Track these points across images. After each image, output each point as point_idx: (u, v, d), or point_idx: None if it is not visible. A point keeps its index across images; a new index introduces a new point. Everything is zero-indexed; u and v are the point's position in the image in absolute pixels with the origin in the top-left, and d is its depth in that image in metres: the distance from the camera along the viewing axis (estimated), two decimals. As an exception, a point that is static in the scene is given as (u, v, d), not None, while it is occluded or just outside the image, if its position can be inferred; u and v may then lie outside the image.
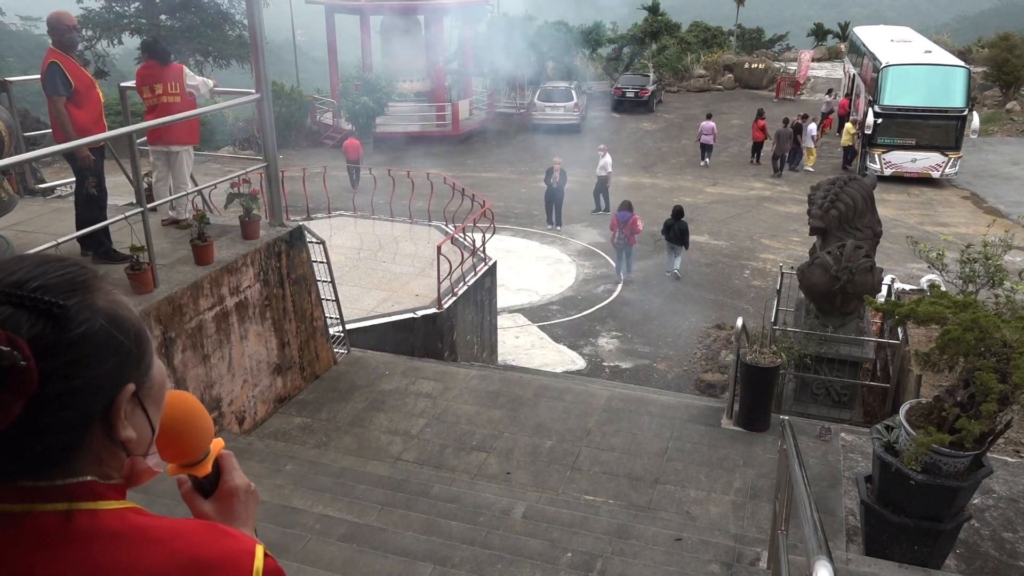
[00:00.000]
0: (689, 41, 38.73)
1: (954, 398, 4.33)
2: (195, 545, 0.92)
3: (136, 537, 0.90)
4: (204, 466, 1.12)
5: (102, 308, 0.90)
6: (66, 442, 0.89)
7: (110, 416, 0.91)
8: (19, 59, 42.97)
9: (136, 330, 0.94)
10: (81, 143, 5.05)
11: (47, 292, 0.87)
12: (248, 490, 1.15)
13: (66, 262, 0.93)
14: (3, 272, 0.88)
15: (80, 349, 0.87)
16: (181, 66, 6.61)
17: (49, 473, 0.89)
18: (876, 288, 7.90)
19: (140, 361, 0.94)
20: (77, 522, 0.88)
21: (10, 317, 0.84)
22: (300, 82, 29.64)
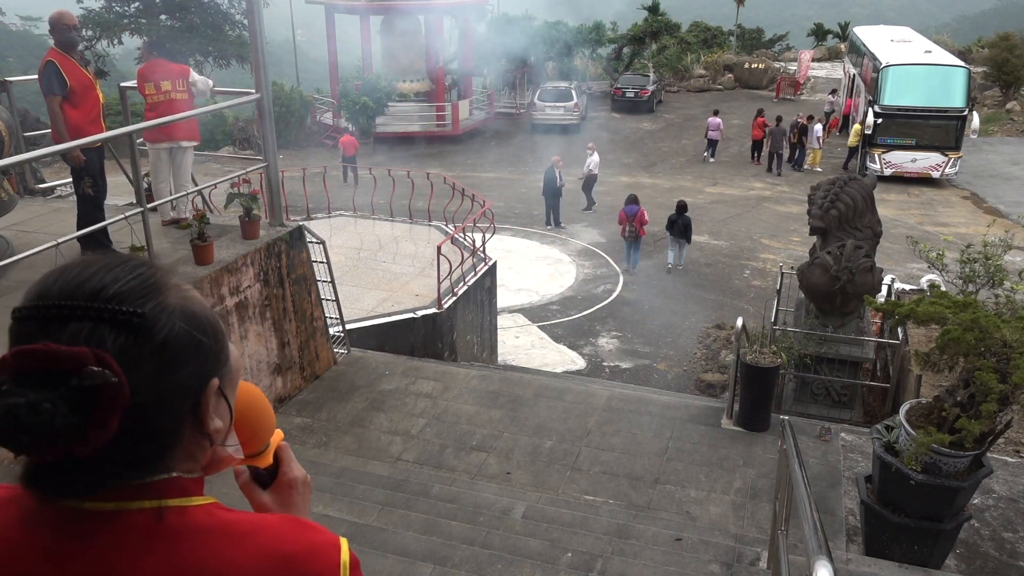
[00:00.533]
0: (689, 41, 38.74)
1: (954, 398, 4.33)
2: (282, 540, 0.92)
3: (225, 533, 0.90)
4: (266, 457, 1.13)
5: (177, 307, 0.89)
6: (162, 444, 0.90)
7: (199, 412, 0.92)
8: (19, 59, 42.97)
9: (211, 324, 0.94)
10: (79, 143, 5.05)
11: (122, 300, 0.85)
12: (305, 482, 1.16)
13: (133, 263, 0.91)
14: (75, 280, 0.86)
15: (164, 355, 0.87)
16: (188, 67, 6.70)
17: (142, 476, 0.89)
18: (876, 288, 7.90)
19: (220, 354, 0.95)
20: (168, 519, 0.89)
21: (93, 332, 0.83)
22: (300, 82, 29.65)
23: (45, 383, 0.79)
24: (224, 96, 7.69)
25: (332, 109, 26.56)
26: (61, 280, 0.87)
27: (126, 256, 0.93)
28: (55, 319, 0.84)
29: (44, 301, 0.85)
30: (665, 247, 15.93)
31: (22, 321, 0.86)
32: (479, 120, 28.21)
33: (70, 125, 5.43)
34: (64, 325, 0.83)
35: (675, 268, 14.59)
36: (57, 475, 0.84)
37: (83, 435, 0.80)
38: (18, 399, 0.78)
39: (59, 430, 0.78)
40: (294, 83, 28.49)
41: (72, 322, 0.83)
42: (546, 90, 27.87)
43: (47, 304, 0.85)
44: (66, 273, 0.88)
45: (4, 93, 6.75)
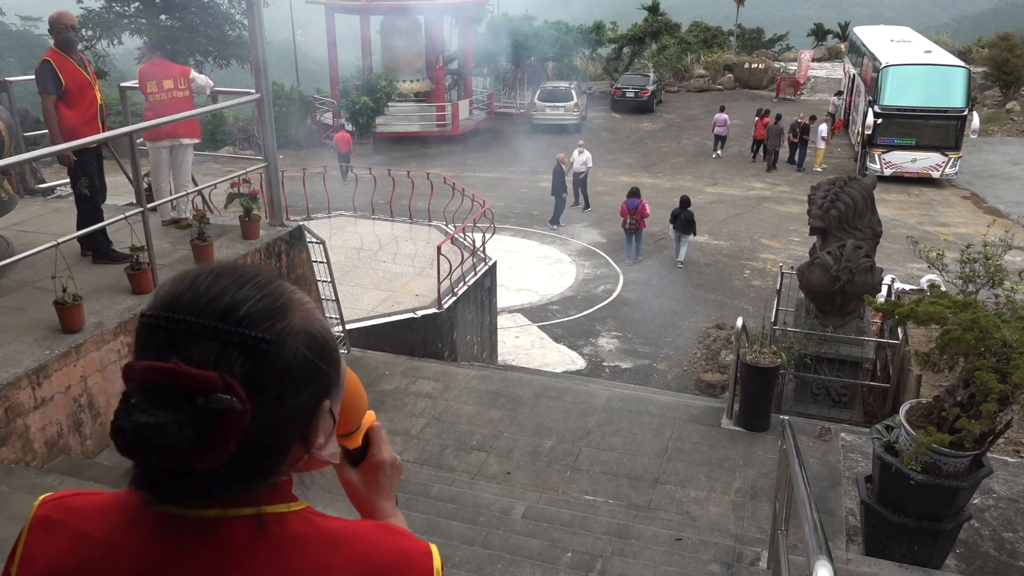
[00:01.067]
0: (689, 41, 38.74)
1: (954, 398, 4.33)
2: (376, 548, 0.94)
3: (322, 540, 0.92)
4: (356, 438, 1.16)
5: (301, 331, 0.90)
6: (272, 462, 0.91)
7: (308, 432, 0.94)
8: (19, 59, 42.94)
9: (330, 349, 0.94)
10: (77, 144, 5.05)
11: (251, 323, 0.85)
12: (393, 464, 1.17)
13: (262, 279, 0.91)
14: (205, 295, 0.86)
15: (286, 383, 0.87)
16: (188, 68, 6.74)
17: (248, 489, 0.91)
18: (876, 288, 7.90)
19: (335, 379, 0.96)
20: (269, 526, 0.91)
21: (221, 356, 0.83)
22: (300, 82, 29.64)
23: (172, 403, 0.80)
24: (224, 96, 7.70)
25: (332, 109, 26.55)
26: (191, 291, 0.87)
27: (255, 270, 0.93)
28: (184, 334, 0.84)
29: (174, 313, 0.85)
30: (666, 245, 15.94)
31: (150, 329, 0.86)
32: (479, 120, 28.21)
33: (64, 125, 5.43)
34: (193, 342, 0.83)
35: (681, 263, 14.83)
36: (169, 482, 0.85)
37: (203, 455, 0.82)
38: (147, 418, 0.79)
39: (182, 450, 0.80)
40: (294, 83, 28.48)
41: (201, 341, 0.83)
42: (546, 90, 27.87)
43: (177, 318, 0.85)
44: (197, 284, 0.88)
45: (4, 93, 6.75)
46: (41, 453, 4.34)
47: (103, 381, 4.71)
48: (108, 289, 5.24)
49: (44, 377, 4.32)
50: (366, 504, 1.17)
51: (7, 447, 4.14)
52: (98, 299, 5.05)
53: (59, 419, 4.44)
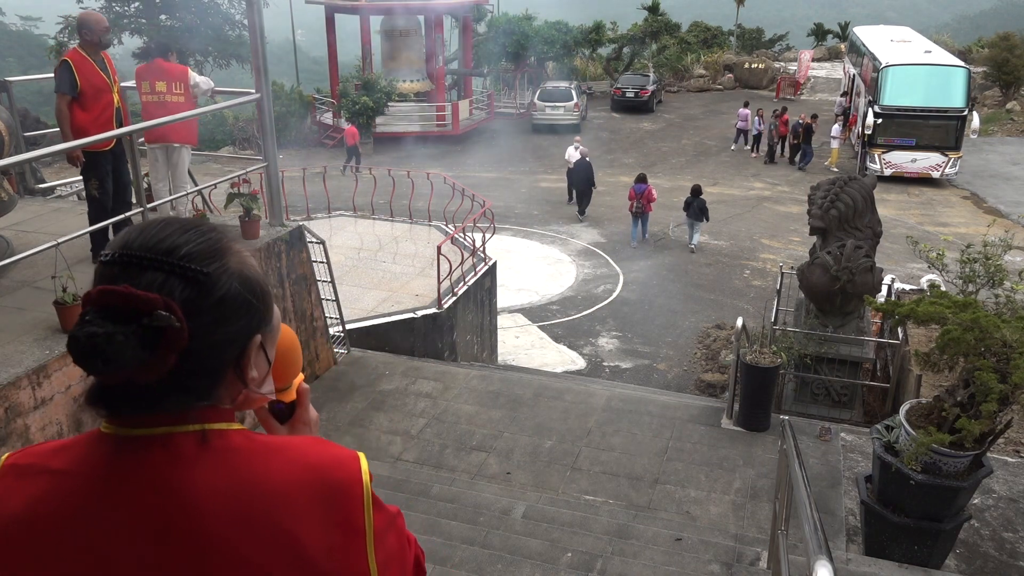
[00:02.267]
0: (689, 41, 38.74)
1: (954, 398, 4.33)
2: (309, 453, 1.05)
3: (260, 449, 1.04)
4: (290, 393, 1.29)
5: (235, 271, 1.04)
6: (207, 382, 1.03)
7: (241, 361, 1.06)
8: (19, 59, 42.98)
9: (262, 288, 1.09)
10: (77, 143, 5.05)
11: (192, 259, 1.00)
12: (316, 422, 1.32)
13: (204, 228, 1.05)
14: (153, 238, 1.00)
15: (220, 310, 1.01)
16: (187, 68, 6.65)
17: (187, 405, 1.03)
18: (876, 288, 7.90)
19: (266, 315, 1.10)
20: (211, 441, 1.02)
21: (164, 283, 0.97)
22: (300, 82, 29.64)
23: (120, 319, 0.94)
24: (224, 96, 7.69)
25: (332, 109, 26.54)
26: (143, 236, 1.01)
27: (199, 221, 1.07)
28: (135, 267, 0.98)
29: (127, 251, 0.99)
30: (667, 245, 15.94)
31: (106, 265, 1.00)
32: (479, 120, 28.20)
33: (75, 126, 5.42)
34: (142, 273, 0.98)
35: (694, 248, 15.61)
36: (118, 396, 0.99)
37: (146, 366, 0.95)
38: (97, 329, 0.93)
39: (127, 359, 0.93)
40: (294, 83, 28.48)
41: (149, 271, 0.98)
42: (546, 90, 27.87)
43: (129, 253, 0.99)
44: (147, 230, 1.02)
45: (4, 93, 6.75)
46: (41, 453, 4.33)
47: (103, 381, 4.71)
48: (108, 289, 5.24)
49: (44, 377, 4.32)
50: None
51: (7, 447, 4.14)
52: (98, 299, 5.04)
53: (59, 419, 4.44)
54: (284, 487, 1.00)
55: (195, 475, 0.99)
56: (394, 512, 1.11)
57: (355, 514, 1.03)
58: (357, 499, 1.04)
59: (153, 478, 0.99)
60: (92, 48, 5.53)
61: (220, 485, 0.99)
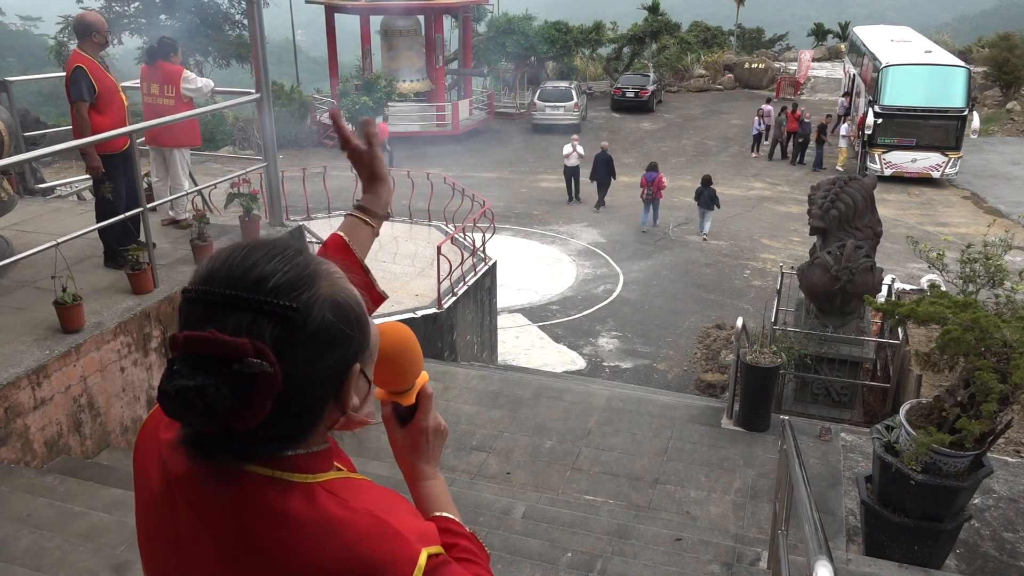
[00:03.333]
0: (689, 41, 38.70)
1: (954, 398, 4.33)
2: (364, 542, 0.98)
3: (319, 521, 0.98)
4: (408, 397, 1.23)
5: (328, 299, 0.97)
6: (307, 423, 1.00)
7: (341, 394, 1.01)
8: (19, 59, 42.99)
9: (357, 315, 1.02)
10: (79, 143, 5.04)
11: (280, 293, 0.94)
12: (437, 430, 1.26)
13: (290, 253, 0.99)
14: (239, 268, 0.95)
15: (315, 346, 0.95)
16: (181, 69, 6.55)
17: (288, 449, 1.00)
18: (876, 288, 7.90)
19: (364, 343, 1.03)
20: (274, 492, 0.98)
21: (253, 324, 0.92)
22: (300, 82, 29.62)
23: (210, 368, 0.89)
24: (224, 96, 7.68)
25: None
26: (226, 266, 0.96)
27: (285, 244, 1.01)
28: (220, 306, 0.93)
29: (211, 287, 0.94)
30: (667, 245, 15.94)
31: (190, 303, 0.96)
32: (479, 120, 28.20)
33: (96, 132, 5.35)
34: (228, 313, 0.92)
35: (706, 236, 16.24)
36: (215, 443, 0.94)
37: (240, 415, 0.90)
38: (188, 382, 0.88)
39: (220, 410, 0.89)
40: (294, 83, 28.47)
41: (235, 312, 0.92)
42: (546, 90, 27.86)
43: (213, 291, 0.94)
44: (231, 259, 0.97)
45: (4, 93, 6.75)
46: (41, 453, 4.34)
47: (103, 381, 4.71)
48: (108, 289, 5.24)
49: (44, 377, 4.32)
50: (407, 463, 1.26)
51: (7, 447, 4.14)
52: (98, 299, 5.05)
53: (59, 419, 4.44)
54: (322, 572, 0.96)
55: (252, 524, 0.98)
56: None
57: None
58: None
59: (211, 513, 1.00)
60: (96, 49, 5.50)
61: (266, 542, 0.97)
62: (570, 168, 18.99)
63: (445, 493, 1.28)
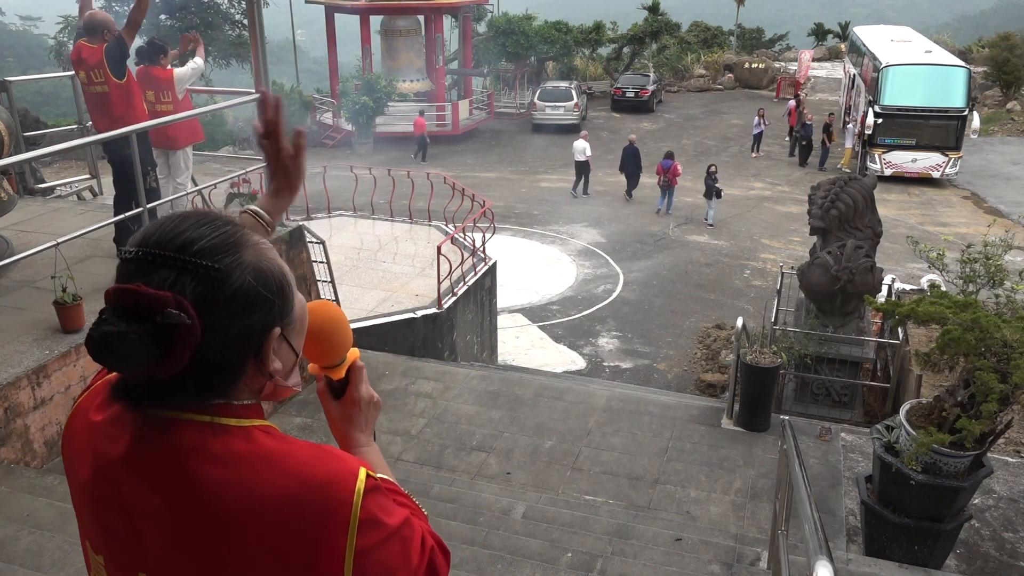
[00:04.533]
0: (689, 41, 38.70)
1: (954, 398, 4.33)
2: (306, 465, 1.05)
3: (260, 455, 1.04)
4: (339, 371, 1.30)
5: (251, 264, 1.04)
6: (225, 377, 1.05)
7: (261, 355, 1.06)
8: (19, 59, 42.97)
9: (279, 283, 1.08)
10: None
11: (205, 255, 1.00)
12: (370, 401, 1.34)
13: (220, 222, 1.06)
14: (168, 234, 1.02)
15: (233, 305, 1.01)
16: (171, 73, 6.55)
17: (208, 400, 1.05)
18: (876, 288, 7.90)
19: (284, 308, 1.09)
20: (213, 436, 1.04)
21: (176, 280, 0.98)
22: (300, 82, 29.61)
23: (134, 317, 0.96)
24: (224, 96, 7.68)
25: (332, 109, 26.53)
26: (160, 231, 1.03)
27: (217, 215, 1.08)
28: (149, 264, 1.00)
29: (143, 247, 1.01)
30: (667, 244, 15.96)
31: (125, 262, 1.02)
32: (479, 120, 28.19)
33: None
34: (155, 270, 0.99)
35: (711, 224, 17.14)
36: (139, 390, 1.02)
37: (160, 363, 0.97)
38: (112, 328, 0.95)
39: (141, 357, 0.96)
40: (294, 83, 28.47)
41: (162, 269, 0.99)
42: (546, 90, 27.86)
43: (144, 251, 1.01)
44: (165, 224, 1.04)
45: (4, 93, 6.74)
46: (41, 453, 4.34)
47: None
48: (108, 289, 5.24)
49: (44, 377, 4.32)
50: (342, 434, 1.33)
51: (7, 447, 4.14)
52: (98, 299, 5.02)
53: (59, 419, 4.44)
54: (269, 500, 1.01)
55: (193, 466, 1.02)
56: (397, 523, 1.08)
57: (336, 537, 1.03)
58: (342, 522, 1.03)
59: (152, 461, 1.04)
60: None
61: (211, 483, 1.02)
62: (580, 163, 19.43)
63: (381, 459, 1.34)
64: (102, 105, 5.65)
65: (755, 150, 24.23)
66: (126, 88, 5.55)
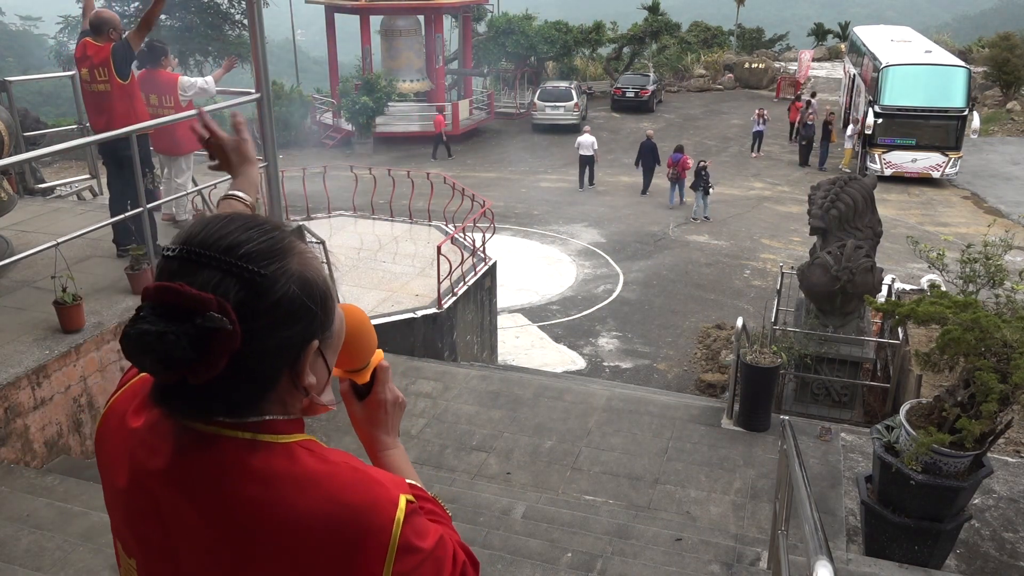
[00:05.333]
0: (689, 41, 38.70)
1: (954, 398, 4.33)
2: (346, 490, 1.02)
3: (300, 476, 1.02)
4: (364, 375, 1.28)
5: (296, 273, 1.01)
6: (260, 389, 1.02)
7: (297, 367, 1.04)
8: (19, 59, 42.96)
9: (322, 294, 1.05)
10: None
11: (251, 259, 0.98)
12: (395, 403, 1.31)
13: (267, 227, 1.04)
14: (214, 235, 0.99)
15: (276, 314, 0.99)
16: (176, 78, 6.58)
17: (240, 413, 1.02)
18: (876, 288, 7.90)
19: (325, 320, 1.07)
20: (255, 453, 1.02)
21: (220, 283, 0.96)
22: (300, 82, 29.62)
23: (174, 317, 0.93)
24: (224, 96, 7.69)
25: (332, 109, 26.53)
26: (205, 231, 1.00)
27: (264, 219, 1.05)
28: (193, 263, 0.97)
29: (188, 245, 0.98)
30: (667, 245, 15.97)
31: (167, 259, 0.99)
32: (479, 120, 28.19)
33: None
34: (199, 271, 0.96)
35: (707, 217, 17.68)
36: (173, 396, 0.99)
37: (195, 367, 0.93)
38: (150, 327, 0.92)
39: (177, 359, 0.92)
40: (294, 83, 28.47)
41: (206, 270, 0.96)
42: (546, 90, 27.85)
43: (188, 249, 0.98)
44: (211, 225, 1.01)
45: (4, 93, 6.75)
46: (41, 453, 4.34)
47: (103, 381, 4.71)
48: (108, 289, 5.24)
49: (44, 377, 4.32)
50: (368, 436, 1.31)
51: (7, 447, 4.14)
52: (98, 299, 5.05)
53: (59, 419, 4.44)
54: (310, 522, 0.99)
55: (235, 485, 1.01)
56: (431, 546, 1.07)
57: (374, 563, 1.01)
58: (380, 548, 1.01)
59: (191, 475, 1.02)
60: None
61: (252, 502, 1.00)
62: (585, 158, 19.81)
63: (406, 461, 1.32)
64: (101, 103, 5.65)
65: (755, 150, 24.22)
66: (128, 90, 5.56)
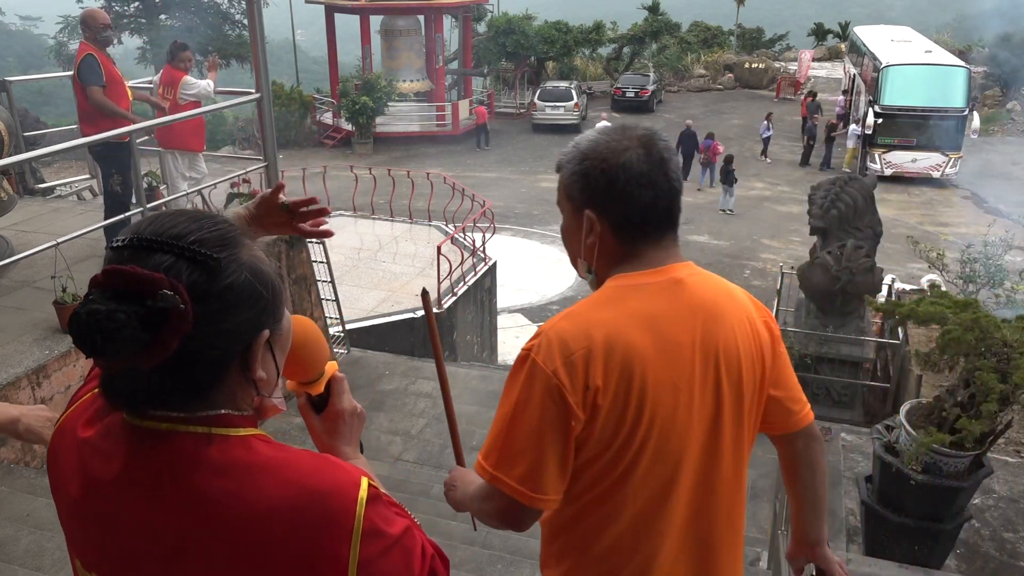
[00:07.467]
0: (689, 41, 38.70)
1: (954, 398, 4.33)
2: (307, 475, 1.02)
3: (260, 465, 1.02)
4: (317, 386, 1.28)
5: (246, 262, 1.02)
6: (210, 376, 1.01)
7: (247, 357, 1.03)
8: (19, 59, 42.97)
9: (273, 284, 1.06)
10: (100, 138, 5.05)
11: (202, 245, 0.98)
12: (353, 412, 1.32)
13: (217, 219, 1.05)
14: (164, 225, 1.00)
15: (228, 297, 0.99)
16: (181, 75, 6.64)
17: (192, 404, 1.02)
18: (876, 288, 7.90)
19: (275, 311, 1.07)
20: (211, 446, 1.01)
21: (172, 265, 0.96)
22: (300, 82, 29.63)
23: (125, 298, 0.92)
24: (224, 96, 7.70)
25: (332, 109, 26.53)
26: (154, 224, 1.01)
27: (212, 213, 1.07)
28: (144, 250, 0.97)
29: (137, 236, 0.99)
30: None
31: (116, 250, 0.99)
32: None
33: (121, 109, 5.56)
34: (150, 255, 0.96)
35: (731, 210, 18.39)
36: (121, 385, 0.99)
37: (146, 349, 0.92)
38: (100, 306, 0.91)
39: (127, 339, 0.91)
40: (294, 83, 28.47)
41: (157, 254, 0.97)
42: (546, 90, 27.85)
43: (139, 237, 0.98)
44: (159, 219, 1.02)
45: (4, 93, 6.75)
46: (41, 453, 4.34)
47: (103, 381, 4.71)
48: (108, 289, 5.24)
49: (44, 377, 4.32)
50: (327, 448, 1.30)
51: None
52: (98, 299, 5.04)
53: (59, 419, 4.43)
54: (271, 509, 0.99)
55: (193, 478, 0.99)
56: (398, 533, 1.06)
57: (340, 547, 1.00)
58: (345, 531, 1.00)
59: (150, 475, 1.01)
60: (99, 45, 5.59)
61: (212, 494, 0.99)
62: None
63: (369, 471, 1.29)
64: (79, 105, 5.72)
65: (765, 155, 23.84)
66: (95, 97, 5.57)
